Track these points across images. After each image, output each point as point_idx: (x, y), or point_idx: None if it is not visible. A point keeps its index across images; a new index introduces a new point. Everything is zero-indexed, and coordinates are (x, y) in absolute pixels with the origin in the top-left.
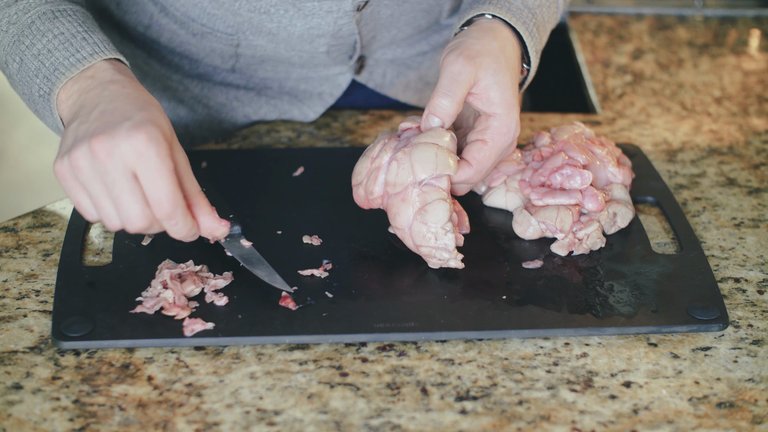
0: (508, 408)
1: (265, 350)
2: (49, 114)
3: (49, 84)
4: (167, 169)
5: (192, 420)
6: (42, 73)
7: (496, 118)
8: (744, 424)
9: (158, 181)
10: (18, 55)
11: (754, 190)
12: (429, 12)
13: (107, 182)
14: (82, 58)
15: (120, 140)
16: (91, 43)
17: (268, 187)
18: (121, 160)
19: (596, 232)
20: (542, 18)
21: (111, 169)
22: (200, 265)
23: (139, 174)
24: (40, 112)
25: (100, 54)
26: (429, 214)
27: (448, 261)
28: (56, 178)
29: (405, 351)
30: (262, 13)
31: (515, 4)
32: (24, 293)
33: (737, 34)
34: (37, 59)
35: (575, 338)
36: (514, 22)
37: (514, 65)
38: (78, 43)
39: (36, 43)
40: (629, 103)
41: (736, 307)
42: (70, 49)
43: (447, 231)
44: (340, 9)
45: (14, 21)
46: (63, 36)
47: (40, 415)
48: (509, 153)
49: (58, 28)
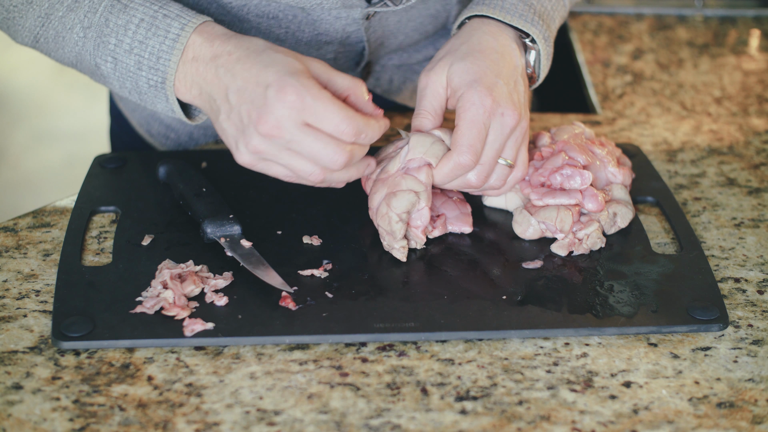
0: (508, 408)
1: (265, 350)
2: (164, 101)
3: (159, 74)
4: (328, 101)
5: (192, 420)
6: (145, 65)
7: (460, 98)
8: (744, 424)
9: (330, 117)
10: (108, 55)
11: (754, 190)
12: (436, 17)
13: (292, 147)
14: (176, 36)
15: (277, 110)
16: (174, 17)
17: (268, 187)
18: (291, 123)
19: (596, 232)
20: (543, 8)
21: (287, 135)
22: (200, 265)
23: (310, 122)
24: (150, 100)
25: (188, 25)
26: (395, 199)
27: (393, 249)
28: (247, 167)
29: (405, 351)
30: (270, 18)
31: (509, 1)
32: (24, 293)
33: (737, 34)
34: (133, 53)
35: (575, 338)
36: (507, 18)
37: (486, 47)
38: (163, 23)
39: (123, 39)
40: (629, 103)
41: (736, 307)
42: (159, 33)
43: (401, 221)
44: (349, 16)
45: (88, 24)
46: (145, 23)
47: (40, 415)
48: (505, 121)
49: (135, 15)
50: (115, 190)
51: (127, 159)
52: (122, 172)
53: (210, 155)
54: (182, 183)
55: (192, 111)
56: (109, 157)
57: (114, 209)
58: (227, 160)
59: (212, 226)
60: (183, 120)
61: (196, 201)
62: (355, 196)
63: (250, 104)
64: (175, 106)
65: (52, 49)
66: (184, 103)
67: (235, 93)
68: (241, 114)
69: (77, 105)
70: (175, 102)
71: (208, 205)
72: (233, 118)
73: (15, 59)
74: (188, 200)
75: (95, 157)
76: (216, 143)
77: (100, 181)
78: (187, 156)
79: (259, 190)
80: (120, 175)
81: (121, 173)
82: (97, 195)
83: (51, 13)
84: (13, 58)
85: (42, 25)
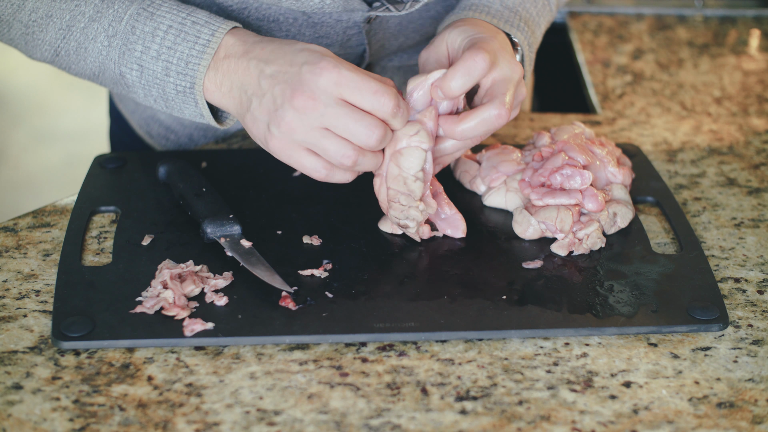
0: (508, 408)
1: (265, 350)
2: (192, 105)
3: (188, 79)
4: (364, 74)
5: (192, 420)
6: (173, 70)
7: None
8: (744, 424)
9: (367, 88)
10: (135, 62)
11: (754, 190)
12: (437, 19)
13: (326, 122)
14: (207, 42)
15: (312, 83)
16: (203, 24)
17: (268, 187)
18: (326, 96)
19: (596, 232)
20: (528, 14)
21: (323, 108)
22: (200, 265)
23: (347, 96)
24: (177, 106)
25: (218, 31)
26: (403, 158)
27: (408, 219)
28: (276, 155)
29: (405, 351)
30: (270, 21)
31: (494, 7)
32: (24, 293)
33: (737, 34)
34: (160, 60)
35: (575, 338)
36: (494, 21)
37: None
38: (192, 29)
39: (150, 45)
40: (629, 103)
41: (736, 307)
42: (189, 39)
43: (417, 179)
44: (350, 19)
45: (113, 33)
46: (173, 29)
47: (40, 415)
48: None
49: (163, 23)
50: (115, 190)
51: (127, 159)
52: (122, 172)
53: (210, 155)
54: (182, 183)
55: (221, 116)
56: (109, 157)
57: (114, 209)
58: (227, 160)
59: (212, 226)
60: (212, 124)
61: (196, 201)
62: (355, 196)
63: (284, 83)
64: (204, 110)
65: (73, 62)
66: (212, 108)
67: (267, 78)
68: (275, 95)
69: (77, 105)
70: (204, 106)
71: (208, 205)
72: (265, 102)
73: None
74: (188, 200)
75: (95, 157)
76: (216, 143)
77: (100, 181)
78: (187, 156)
79: (259, 190)
80: (120, 175)
81: (121, 173)
82: (97, 195)
83: (73, 25)
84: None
85: (63, 37)
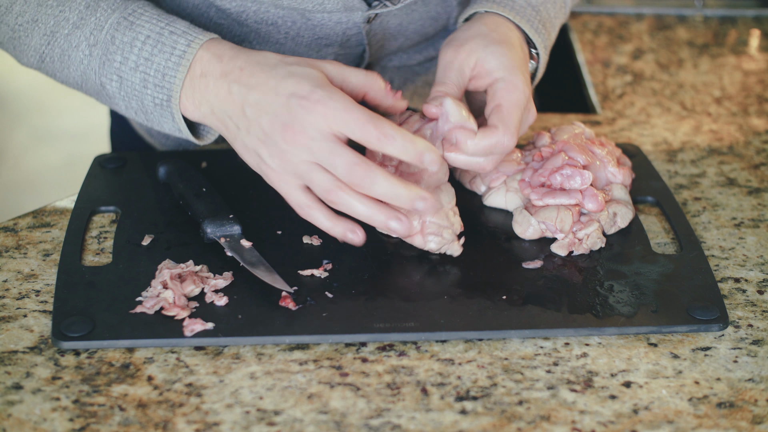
0: (508, 408)
1: (265, 350)
2: (169, 120)
3: (164, 91)
4: (355, 108)
5: (192, 420)
6: (150, 82)
7: (500, 81)
8: (744, 424)
9: (353, 123)
10: (114, 73)
11: (754, 190)
12: (437, 19)
13: (315, 157)
14: (182, 53)
15: (302, 118)
16: (180, 34)
17: (268, 187)
18: (316, 132)
19: (596, 232)
20: (547, 14)
21: (312, 143)
22: (200, 265)
23: (335, 131)
24: (156, 120)
25: (195, 41)
26: (443, 193)
27: (448, 243)
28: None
29: (405, 351)
30: (269, 24)
31: (518, 2)
32: (24, 293)
33: (737, 34)
34: (138, 71)
35: (575, 338)
36: (517, 19)
37: (514, 42)
38: (169, 40)
39: (129, 56)
40: (629, 103)
41: (736, 307)
42: (165, 50)
43: (456, 213)
44: (350, 20)
45: (94, 42)
46: (150, 39)
47: (40, 415)
48: (530, 117)
49: (141, 32)
50: (115, 190)
51: (127, 159)
52: (122, 172)
53: (210, 155)
54: (182, 183)
55: (200, 131)
56: (109, 157)
57: (114, 209)
58: (227, 160)
59: (212, 226)
60: (190, 140)
61: (196, 201)
62: None
63: (272, 115)
64: (181, 125)
65: (58, 69)
66: (191, 123)
67: (252, 106)
68: (262, 125)
69: (77, 105)
70: (181, 121)
71: (208, 205)
72: (254, 131)
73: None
74: (188, 200)
75: (95, 157)
76: (216, 143)
77: (100, 181)
78: (187, 156)
79: (259, 190)
80: (120, 175)
81: (121, 173)
82: (97, 195)
83: (57, 31)
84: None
85: (48, 43)
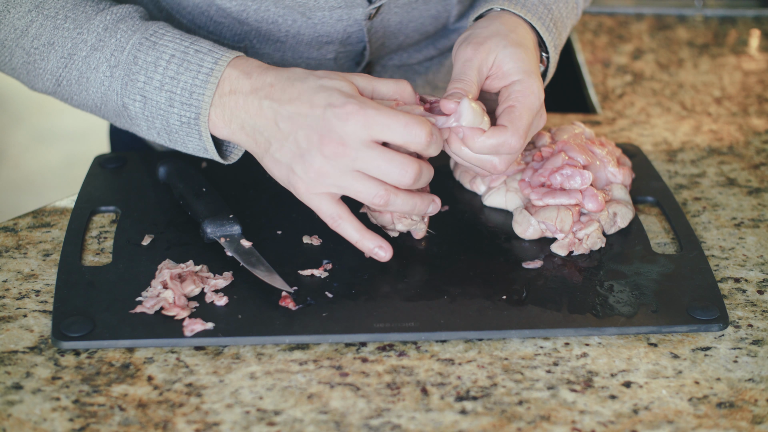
0: (508, 408)
1: (265, 350)
2: (196, 138)
3: (192, 109)
4: (389, 112)
5: (192, 420)
6: (177, 101)
7: (516, 83)
8: (744, 424)
9: (396, 123)
10: (137, 93)
11: (754, 190)
12: (437, 18)
13: (358, 165)
14: (210, 71)
15: (340, 128)
16: (206, 52)
17: (268, 187)
18: (355, 140)
19: (596, 232)
20: (559, 14)
21: (353, 153)
22: (200, 265)
23: (377, 136)
24: (181, 139)
25: (222, 59)
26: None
27: (417, 224)
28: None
29: (405, 351)
30: (269, 23)
31: (531, 0)
32: (24, 293)
33: (737, 34)
34: (164, 90)
35: (575, 338)
36: (529, 16)
37: (529, 45)
38: (195, 58)
39: (153, 76)
40: (629, 103)
41: (736, 307)
42: (191, 68)
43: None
44: (350, 17)
45: (115, 63)
46: (176, 58)
47: (40, 415)
48: (541, 122)
49: (165, 52)
50: (115, 190)
51: (127, 159)
52: (122, 172)
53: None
54: (182, 183)
55: (225, 150)
56: (109, 157)
57: (114, 209)
58: None
59: (212, 226)
60: (215, 158)
61: (196, 201)
62: None
63: (308, 128)
64: (208, 144)
65: (75, 92)
66: (216, 142)
67: (286, 120)
68: (298, 140)
69: None
70: (208, 138)
71: (208, 205)
72: (288, 145)
73: None
74: (188, 200)
75: (95, 157)
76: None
77: (100, 181)
78: (187, 156)
79: (259, 190)
80: (120, 175)
81: (121, 173)
82: (97, 195)
83: (74, 53)
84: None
85: (65, 66)
